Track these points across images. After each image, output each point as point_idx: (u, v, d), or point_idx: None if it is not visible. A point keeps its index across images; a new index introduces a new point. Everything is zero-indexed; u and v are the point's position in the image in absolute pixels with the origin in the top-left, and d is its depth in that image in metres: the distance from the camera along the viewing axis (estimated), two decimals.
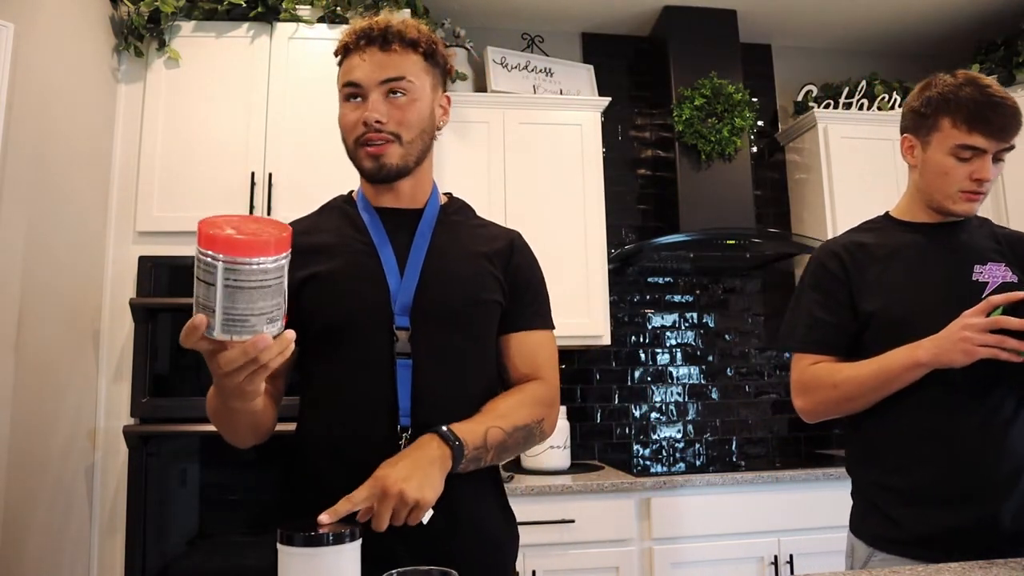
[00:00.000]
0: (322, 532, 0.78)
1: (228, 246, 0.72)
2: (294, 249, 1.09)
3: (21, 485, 1.83)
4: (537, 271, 1.24)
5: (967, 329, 1.19)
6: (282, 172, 2.36)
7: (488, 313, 1.15)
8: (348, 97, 1.12)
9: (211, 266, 0.72)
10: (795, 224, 3.33)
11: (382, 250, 1.11)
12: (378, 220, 1.15)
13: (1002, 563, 1.07)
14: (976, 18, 3.26)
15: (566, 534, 2.29)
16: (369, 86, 1.10)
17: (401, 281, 1.09)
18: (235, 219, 0.75)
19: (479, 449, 1.03)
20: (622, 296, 3.16)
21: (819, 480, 2.45)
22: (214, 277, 0.72)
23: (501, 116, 2.85)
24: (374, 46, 1.11)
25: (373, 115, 1.08)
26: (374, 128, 1.08)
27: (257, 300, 0.75)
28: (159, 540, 2.14)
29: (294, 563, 0.77)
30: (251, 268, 0.73)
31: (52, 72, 2.01)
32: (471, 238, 1.19)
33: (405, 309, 1.07)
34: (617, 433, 3.09)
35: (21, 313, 1.83)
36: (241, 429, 1.05)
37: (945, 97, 1.38)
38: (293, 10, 2.48)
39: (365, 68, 1.10)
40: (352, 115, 1.11)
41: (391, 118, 1.09)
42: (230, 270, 0.72)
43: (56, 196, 2.03)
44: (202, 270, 0.73)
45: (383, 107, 1.09)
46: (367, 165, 1.11)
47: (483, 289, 1.14)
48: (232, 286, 0.73)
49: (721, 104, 2.99)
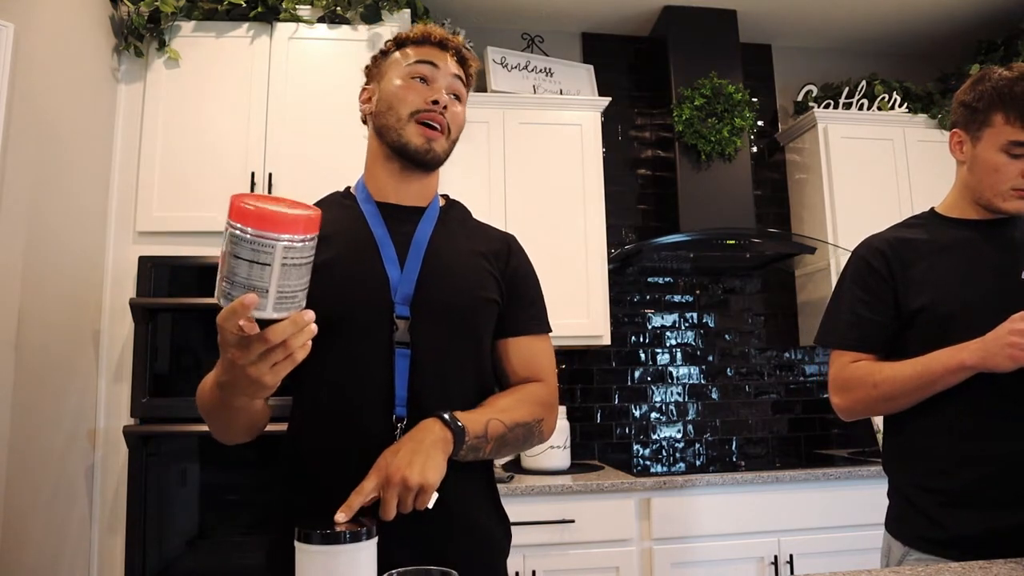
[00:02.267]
0: (340, 530, 0.78)
1: (284, 224, 0.72)
2: None
3: (21, 485, 1.83)
4: (533, 275, 1.25)
5: (1015, 334, 1.16)
6: (282, 172, 2.36)
7: (486, 312, 1.15)
8: (415, 74, 1.13)
9: (267, 245, 0.72)
10: (795, 224, 3.33)
11: (382, 241, 1.11)
12: (379, 213, 1.14)
13: (1002, 563, 1.07)
14: (976, 18, 3.27)
15: (566, 534, 2.29)
16: (444, 75, 1.14)
17: (402, 273, 1.09)
18: (265, 198, 0.75)
19: (479, 438, 1.03)
20: (622, 296, 3.16)
21: (819, 480, 2.45)
22: (271, 257, 0.72)
23: (501, 116, 2.85)
24: (449, 52, 1.17)
25: (444, 97, 1.12)
26: (439, 111, 1.11)
27: (304, 276, 0.76)
28: (159, 540, 2.14)
29: (312, 561, 0.77)
30: (303, 245, 0.74)
31: (52, 72, 2.01)
32: (469, 237, 1.20)
33: (406, 299, 1.07)
34: (617, 433, 3.09)
35: (21, 313, 1.83)
36: (237, 427, 1.04)
37: (999, 91, 1.34)
38: (293, 10, 2.48)
39: (443, 61, 1.15)
40: (416, 90, 1.12)
41: (447, 111, 1.13)
42: (290, 248, 0.73)
43: (56, 196, 2.03)
44: (249, 250, 0.72)
45: (448, 100, 1.13)
46: (417, 141, 1.11)
47: (482, 287, 1.14)
48: (289, 264, 0.73)
49: (721, 104, 2.99)
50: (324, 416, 1.07)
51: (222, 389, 0.89)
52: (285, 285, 0.74)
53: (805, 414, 3.24)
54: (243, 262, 0.73)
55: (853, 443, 3.20)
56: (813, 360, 3.29)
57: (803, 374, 3.28)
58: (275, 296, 0.74)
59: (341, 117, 2.38)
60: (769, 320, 3.28)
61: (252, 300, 0.73)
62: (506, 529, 1.20)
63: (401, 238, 1.13)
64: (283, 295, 0.75)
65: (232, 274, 0.73)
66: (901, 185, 3.10)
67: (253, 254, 0.72)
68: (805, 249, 2.91)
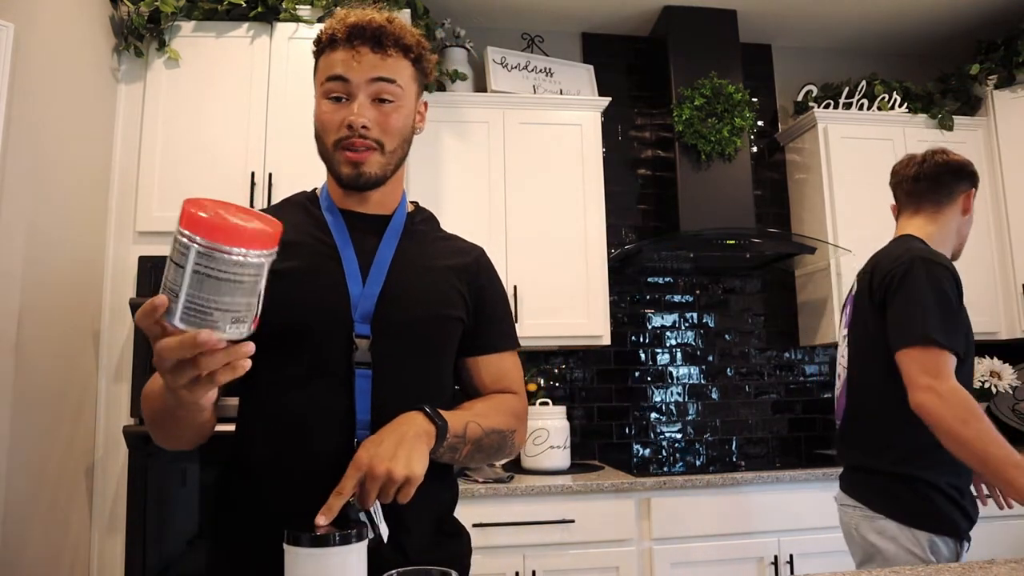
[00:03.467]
0: (329, 532, 0.78)
1: (207, 229, 0.66)
2: None
3: (21, 485, 1.83)
4: (501, 290, 1.21)
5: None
6: (282, 172, 2.36)
7: (451, 330, 1.11)
8: (329, 94, 1.04)
9: (185, 247, 0.66)
10: (795, 224, 3.33)
11: (344, 253, 1.05)
12: (342, 222, 1.09)
13: (1002, 563, 1.07)
14: (976, 18, 3.27)
15: (566, 534, 2.30)
16: (357, 86, 1.02)
17: (363, 287, 1.03)
18: (225, 205, 0.70)
19: (459, 438, 1.00)
20: (622, 296, 3.16)
21: (819, 480, 2.45)
22: (186, 259, 0.67)
23: (501, 116, 2.85)
24: (366, 45, 1.03)
25: (360, 119, 1.01)
26: (359, 134, 1.02)
27: (225, 294, 0.68)
28: (159, 540, 2.13)
29: (301, 564, 0.77)
30: (226, 258, 0.67)
31: (52, 72, 2.01)
32: (436, 250, 1.15)
33: (366, 317, 1.01)
34: (617, 433, 3.09)
35: (21, 313, 1.83)
36: (181, 435, 0.97)
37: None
38: (293, 10, 2.48)
39: (354, 67, 1.02)
40: (335, 115, 1.03)
41: (376, 124, 1.03)
42: (203, 255, 0.66)
43: (56, 196, 2.03)
44: (176, 251, 0.68)
45: (370, 112, 1.03)
46: (345, 171, 1.04)
47: (447, 304, 1.10)
48: (201, 272, 0.67)
49: (721, 104, 2.99)
50: (278, 431, 1.01)
51: (165, 394, 0.83)
52: (195, 296, 0.68)
53: (805, 414, 3.24)
54: (172, 264, 0.68)
55: None
56: (813, 360, 3.29)
57: (803, 374, 3.28)
58: (183, 305, 0.68)
59: None
60: (769, 320, 3.28)
61: (161, 301, 0.68)
62: (467, 546, 1.16)
63: (364, 250, 1.07)
64: (193, 307, 0.68)
65: (165, 275, 0.69)
66: None
67: (177, 255, 0.68)
68: (805, 249, 2.91)
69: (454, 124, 2.79)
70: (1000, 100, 3.14)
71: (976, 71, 3.16)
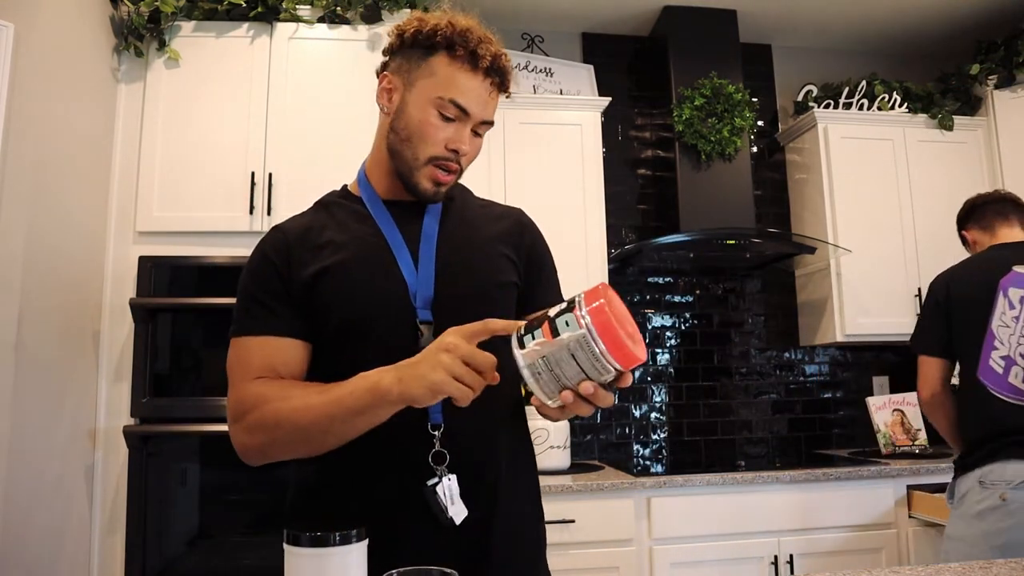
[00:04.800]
0: (328, 533, 0.78)
1: (632, 361, 0.77)
2: (302, 247, 1.07)
3: (21, 485, 1.83)
4: (546, 247, 1.23)
5: None
6: (282, 172, 2.36)
7: (508, 296, 1.12)
8: (444, 111, 1.03)
9: (606, 369, 0.77)
10: (795, 224, 3.33)
11: (393, 241, 1.06)
12: (387, 213, 1.10)
13: (1002, 563, 1.08)
14: (976, 18, 3.27)
15: (566, 534, 2.30)
16: (474, 120, 1.05)
17: (417, 274, 1.04)
18: (620, 318, 0.78)
19: None
20: (622, 296, 3.14)
21: (819, 480, 2.45)
22: (606, 376, 0.78)
23: (501, 116, 2.82)
24: (497, 88, 1.08)
25: (465, 147, 1.05)
26: (456, 159, 1.05)
27: (571, 376, 0.79)
28: (159, 540, 2.14)
29: (301, 564, 0.77)
30: (606, 364, 0.77)
31: (52, 72, 2.01)
32: (478, 221, 1.15)
33: (427, 302, 1.03)
34: (617, 433, 3.09)
35: (21, 313, 1.83)
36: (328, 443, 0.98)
37: None
38: (293, 10, 2.48)
39: (480, 100, 1.05)
40: (442, 132, 1.04)
41: (467, 155, 1.07)
42: (594, 353, 0.76)
43: (56, 196, 2.03)
44: (591, 364, 0.76)
45: (471, 143, 1.07)
46: (427, 187, 1.06)
47: (500, 272, 1.11)
48: (575, 357, 0.77)
49: (721, 104, 2.99)
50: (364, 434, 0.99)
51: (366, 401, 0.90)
52: (553, 365, 0.78)
53: (805, 414, 3.24)
54: (574, 364, 0.77)
55: (853, 443, 3.21)
56: (813, 360, 3.29)
57: (803, 374, 3.28)
58: (555, 390, 0.79)
59: (341, 117, 2.38)
60: (769, 320, 3.28)
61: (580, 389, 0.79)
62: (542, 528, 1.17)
63: (410, 236, 1.08)
64: (546, 369, 0.79)
65: (555, 363, 0.77)
66: (901, 185, 3.10)
67: (591, 367, 0.77)
68: (805, 249, 2.91)
69: None
70: (1000, 100, 3.14)
71: (976, 71, 3.16)
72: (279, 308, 1.03)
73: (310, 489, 1.08)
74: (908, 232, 3.06)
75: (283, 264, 1.05)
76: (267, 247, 1.08)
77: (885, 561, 2.47)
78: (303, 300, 1.03)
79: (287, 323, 1.03)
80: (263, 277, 1.06)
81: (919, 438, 2.89)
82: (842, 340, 2.98)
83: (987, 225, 2.13)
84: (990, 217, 2.13)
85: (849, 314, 2.96)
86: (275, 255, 1.06)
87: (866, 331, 2.98)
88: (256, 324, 1.03)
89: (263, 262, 1.07)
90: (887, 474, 2.51)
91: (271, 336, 1.03)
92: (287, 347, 1.03)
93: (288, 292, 1.04)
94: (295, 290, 1.03)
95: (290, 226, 1.11)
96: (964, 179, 3.13)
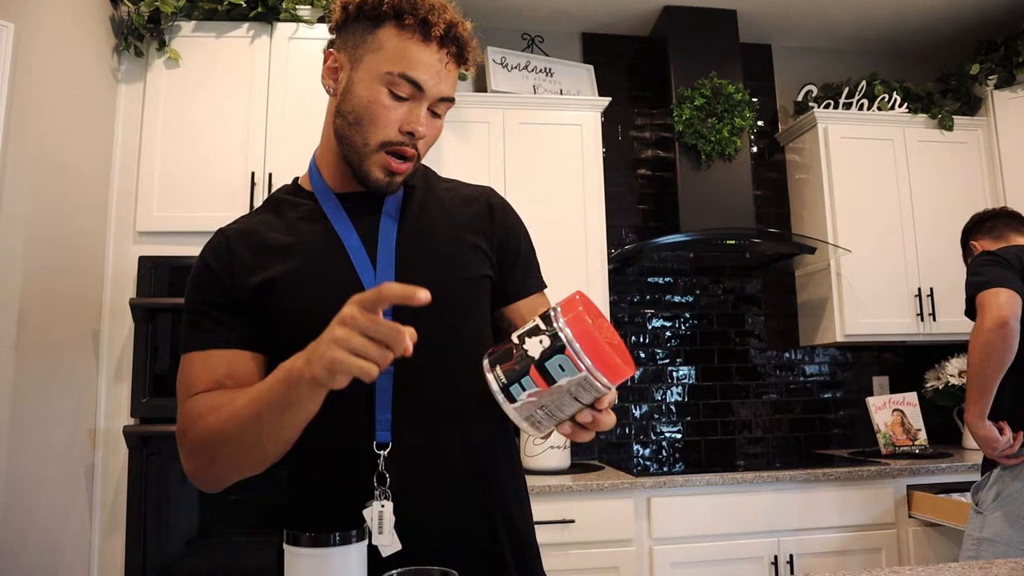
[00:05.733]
0: (329, 533, 0.78)
1: (620, 375, 0.71)
2: (247, 251, 0.99)
3: (21, 485, 1.83)
4: (521, 228, 1.11)
5: None
6: (282, 172, 2.36)
7: (479, 291, 1.02)
8: (395, 89, 0.93)
9: (598, 390, 0.71)
10: (795, 224, 3.33)
11: (348, 242, 0.97)
12: (340, 208, 1.00)
13: (1002, 563, 1.07)
14: (976, 18, 3.27)
15: (566, 534, 2.30)
16: (430, 97, 0.94)
17: (375, 274, 0.95)
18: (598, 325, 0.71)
19: None
20: (622, 296, 3.16)
21: (819, 480, 2.45)
22: (591, 397, 0.71)
23: (501, 116, 2.85)
24: (453, 58, 0.96)
25: (420, 128, 0.94)
26: (412, 143, 0.95)
27: (566, 405, 0.73)
28: (159, 540, 2.14)
29: (300, 564, 0.77)
30: (595, 384, 0.71)
31: (52, 72, 2.01)
32: (443, 208, 1.04)
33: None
34: (617, 433, 3.09)
35: (21, 313, 1.83)
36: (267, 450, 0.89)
37: None
38: (293, 10, 2.48)
39: (435, 73, 0.93)
40: (393, 113, 0.93)
41: (424, 137, 0.96)
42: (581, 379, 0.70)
43: (56, 196, 2.03)
44: (591, 397, 0.71)
45: (428, 124, 0.96)
46: (378, 176, 0.95)
47: (470, 267, 1.01)
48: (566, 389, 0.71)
49: (721, 104, 2.99)
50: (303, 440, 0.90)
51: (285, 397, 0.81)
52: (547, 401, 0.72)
53: (805, 414, 3.24)
54: (575, 403, 0.71)
55: (853, 443, 3.21)
56: (813, 360, 3.30)
57: (803, 374, 3.28)
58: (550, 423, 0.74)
59: None
60: (769, 320, 3.28)
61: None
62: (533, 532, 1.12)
63: (368, 232, 0.99)
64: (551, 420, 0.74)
65: (556, 408, 0.72)
66: (901, 185, 3.10)
67: (580, 391, 0.71)
68: (805, 249, 2.91)
69: (454, 124, 2.79)
70: (1000, 100, 3.14)
71: (976, 71, 3.16)
72: (223, 318, 0.95)
73: (286, 500, 1.05)
74: (908, 232, 3.06)
75: (225, 272, 0.97)
76: (208, 255, 1.00)
77: (885, 561, 2.47)
78: (251, 308, 0.96)
79: (232, 334, 0.95)
80: (204, 288, 0.98)
81: (919, 438, 2.89)
82: (842, 340, 2.98)
83: (999, 235, 2.15)
84: (1002, 228, 2.16)
85: (849, 314, 2.96)
86: (216, 263, 0.98)
87: (866, 331, 2.98)
88: (199, 339, 0.96)
89: (204, 271, 0.99)
90: (887, 474, 2.51)
91: (214, 349, 0.95)
92: (233, 359, 0.95)
93: (233, 300, 0.96)
94: (241, 298, 0.96)
95: (233, 229, 1.02)
96: (964, 179, 3.13)
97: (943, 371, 3.00)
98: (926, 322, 2.99)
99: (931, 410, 3.02)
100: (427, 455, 0.95)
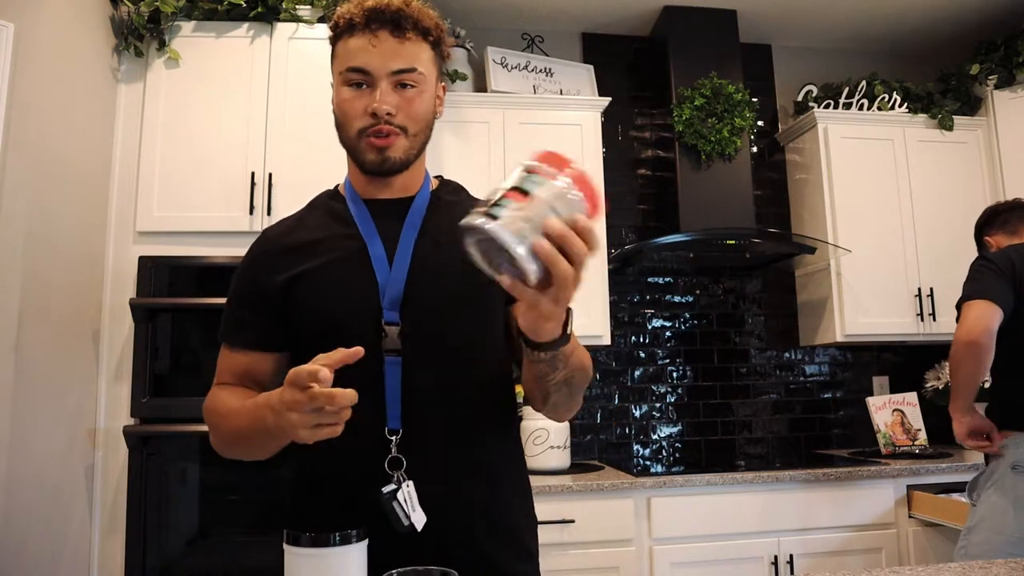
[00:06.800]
0: (329, 533, 0.78)
1: (585, 183, 0.77)
2: (281, 252, 1.08)
3: (21, 485, 1.83)
4: None
5: None
6: (282, 172, 2.36)
7: (490, 295, 1.04)
8: (350, 82, 1.03)
9: (573, 204, 0.75)
10: (795, 224, 3.33)
11: (370, 242, 1.05)
12: (366, 212, 1.08)
13: (1002, 563, 1.07)
14: (976, 18, 3.27)
15: (566, 534, 2.30)
16: (379, 75, 1.01)
17: (390, 273, 1.02)
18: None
19: (566, 356, 0.91)
20: (622, 296, 3.16)
21: (819, 480, 2.45)
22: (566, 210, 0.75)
23: (501, 116, 2.84)
24: (386, 29, 1.02)
25: (384, 107, 1.01)
26: (384, 120, 1.01)
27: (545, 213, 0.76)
28: (159, 540, 2.14)
29: (300, 564, 0.77)
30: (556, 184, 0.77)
31: (52, 72, 2.01)
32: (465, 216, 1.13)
33: (394, 303, 1.01)
34: (617, 433, 3.09)
35: (21, 313, 1.83)
36: (269, 448, 0.99)
37: None
38: (293, 10, 2.48)
39: (375, 55, 1.01)
40: (357, 103, 1.02)
41: (400, 110, 1.02)
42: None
43: (56, 196, 2.03)
44: (559, 200, 0.74)
45: (392, 97, 1.02)
46: (371, 157, 1.03)
47: (481, 271, 1.08)
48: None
49: (721, 104, 2.99)
50: None
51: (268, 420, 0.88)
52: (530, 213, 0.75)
53: (805, 414, 3.24)
54: (549, 210, 0.74)
55: (853, 443, 3.21)
56: (813, 360, 3.29)
57: (803, 374, 3.28)
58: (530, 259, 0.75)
59: None
60: (769, 320, 3.28)
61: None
62: (533, 530, 1.14)
63: (391, 236, 1.06)
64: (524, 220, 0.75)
65: (541, 218, 0.74)
66: (901, 185, 3.10)
67: (559, 205, 0.74)
68: (805, 249, 2.91)
69: (454, 124, 2.79)
70: (1000, 100, 3.14)
71: (976, 71, 3.16)
72: (250, 319, 1.08)
73: (293, 491, 1.11)
74: (908, 232, 3.06)
75: (261, 271, 1.08)
76: (251, 253, 1.13)
77: (885, 561, 2.47)
78: (279, 305, 1.06)
79: (255, 335, 1.08)
80: (241, 286, 1.11)
81: (919, 438, 2.89)
82: (842, 340, 2.98)
83: (1013, 229, 2.16)
84: (1015, 222, 2.16)
85: (849, 314, 2.96)
86: (255, 262, 1.11)
87: (866, 331, 2.98)
88: (229, 335, 1.11)
89: (246, 269, 1.12)
90: (887, 474, 2.51)
91: (239, 352, 1.09)
92: (252, 362, 1.09)
93: (264, 299, 1.07)
94: (271, 295, 1.06)
95: (273, 231, 1.14)
96: (964, 179, 3.13)
97: (943, 371, 3.00)
98: (926, 322, 2.99)
99: (931, 410, 3.02)
100: (436, 442, 1.01)
